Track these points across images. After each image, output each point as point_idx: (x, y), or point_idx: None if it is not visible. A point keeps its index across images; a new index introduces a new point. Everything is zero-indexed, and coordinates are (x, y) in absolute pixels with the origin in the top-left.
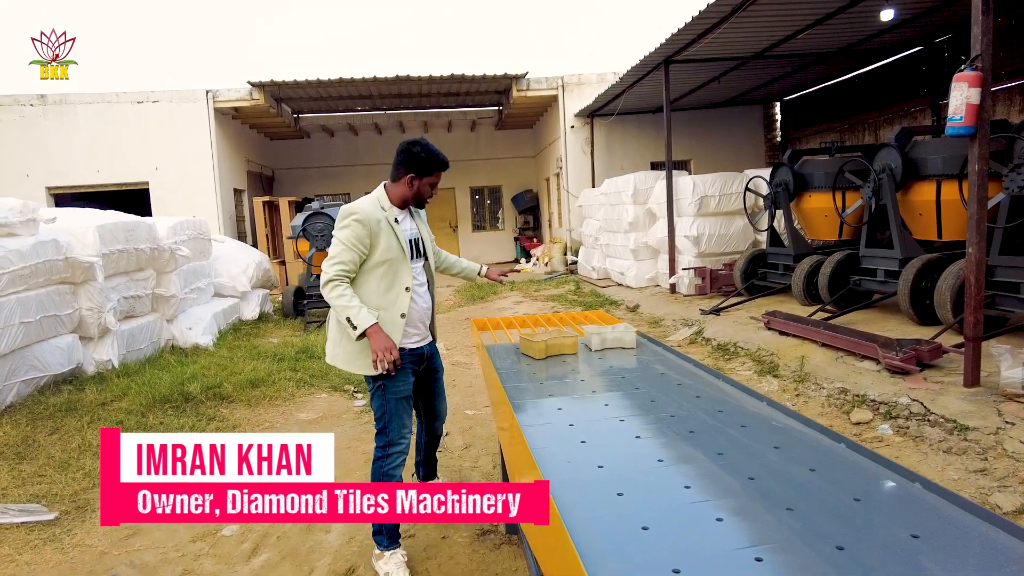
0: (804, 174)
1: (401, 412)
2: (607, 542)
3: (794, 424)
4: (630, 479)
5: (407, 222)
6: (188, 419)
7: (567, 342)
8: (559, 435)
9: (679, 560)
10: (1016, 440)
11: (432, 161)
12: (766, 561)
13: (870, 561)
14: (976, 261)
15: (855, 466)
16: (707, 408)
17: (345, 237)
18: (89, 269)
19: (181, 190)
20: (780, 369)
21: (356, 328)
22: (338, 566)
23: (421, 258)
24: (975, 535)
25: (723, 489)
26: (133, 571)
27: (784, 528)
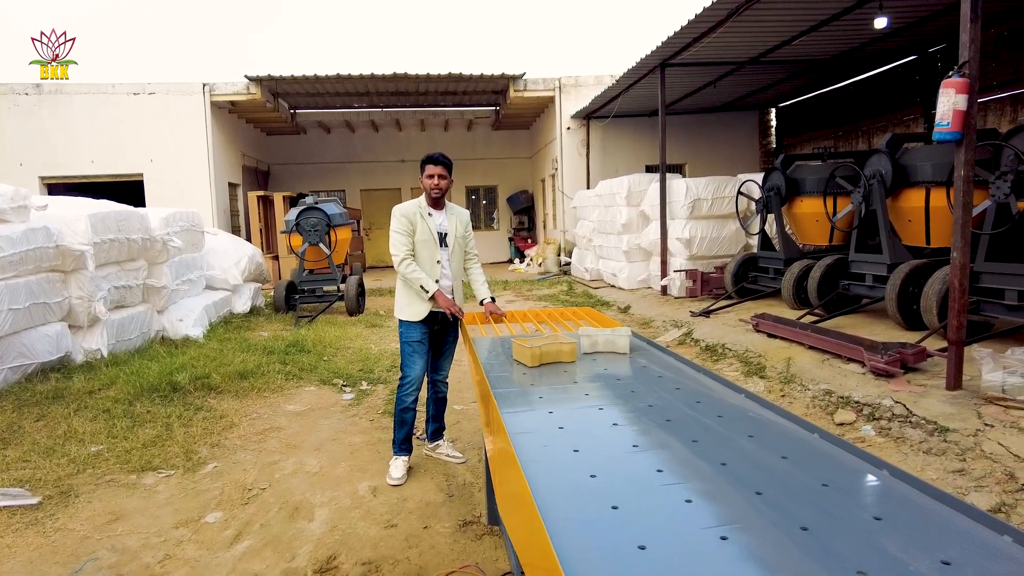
0: (796, 179)
1: (412, 352)
2: (577, 521)
3: (769, 415)
4: (604, 463)
5: (440, 218)
6: (175, 408)
7: (565, 348)
8: (538, 421)
9: (646, 538)
10: (994, 442)
11: (424, 160)
12: (731, 540)
13: (832, 541)
14: (960, 266)
15: (826, 454)
16: (686, 399)
17: (396, 227)
18: (80, 258)
19: (176, 183)
20: (767, 370)
21: (427, 292)
22: (319, 553)
23: (447, 248)
24: (936, 519)
25: (694, 473)
26: (114, 555)
27: (751, 510)
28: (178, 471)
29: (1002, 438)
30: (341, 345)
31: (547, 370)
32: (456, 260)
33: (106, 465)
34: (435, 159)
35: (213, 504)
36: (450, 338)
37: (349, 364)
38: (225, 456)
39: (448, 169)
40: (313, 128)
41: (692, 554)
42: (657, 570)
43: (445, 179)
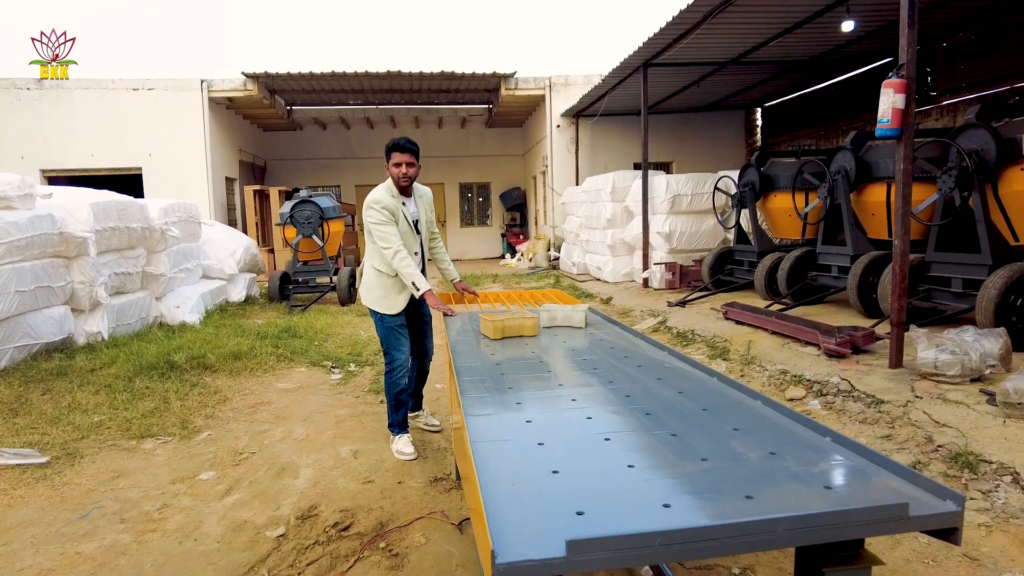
0: (770, 175)
1: (396, 335)
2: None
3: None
4: (554, 432)
5: (411, 206)
6: (172, 384)
7: (527, 323)
8: (492, 386)
9: (584, 503)
10: (920, 411)
11: (389, 147)
12: (674, 507)
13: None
14: (901, 253)
15: (775, 425)
16: (648, 375)
17: (378, 219)
18: (82, 244)
19: (174, 177)
20: (731, 353)
21: (419, 290)
22: (302, 504)
23: (420, 235)
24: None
25: (642, 443)
26: (117, 504)
27: (695, 478)
28: (175, 438)
29: (928, 408)
30: (332, 332)
31: (509, 342)
32: (426, 244)
33: (108, 432)
34: (402, 146)
35: (207, 465)
36: (426, 318)
37: (339, 348)
38: (218, 426)
39: (416, 156)
40: (309, 124)
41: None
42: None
43: (414, 167)
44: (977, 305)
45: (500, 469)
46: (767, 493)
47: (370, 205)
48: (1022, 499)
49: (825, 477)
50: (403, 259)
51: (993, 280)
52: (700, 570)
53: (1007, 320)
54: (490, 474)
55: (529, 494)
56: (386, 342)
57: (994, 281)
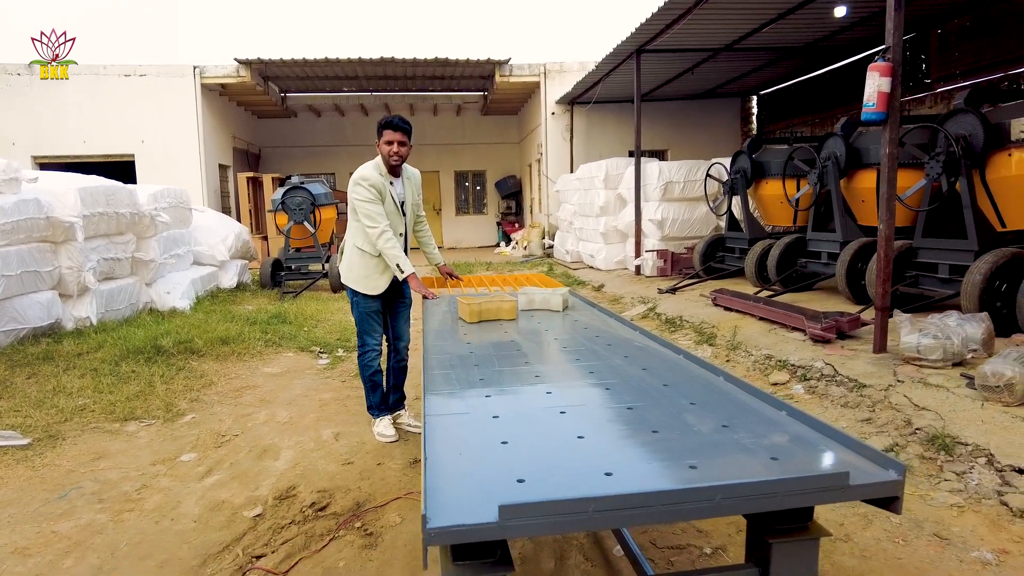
0: (762, 162)
1: (371, 321)
2: (467, 455)
3: (688, 365)
4: (511, 406)
5: (399, 187)
6: (159, 368)
7: (504, 307)
8: (459, 364)
9: (527, 471)
10: (901, 395)
11: (382, 124)
12: (616, 475)
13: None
14: (886, 238)
15: (732, 399)
16: (616, 353)
17: (364, 197)
18: (70, 229)
19: (166, 163)
20: (717, 339)
21: (402, 272)
22: (280, 484)
23: (406, 217)
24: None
25: (597, 416)
26: (97, 485)
27: (643, 448)
28: (158, 421)
29: (908, 391)
30: (322, 318)
31: (485, 325)
32: (410, 226)
33: (92, 415)
34: (395, 124)
35: (189, 447)
36: (404, 300)
37: (328, 334)
38: (203, 409)
39: (408, 135)
40: (303, 111)
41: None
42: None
43: (405, 146)
44: (962, 291)
45: (450, 440)
46: (712, 463)
47: (357, 182)
48: (995, 480)
49: (773, 448)
50: (388, 240)
51: (978, 266)
52: (672, 550)
53: (991, 305)
54: (439, 444)
55: (475, 463)
56: (359, 325)
57: (979, 267)
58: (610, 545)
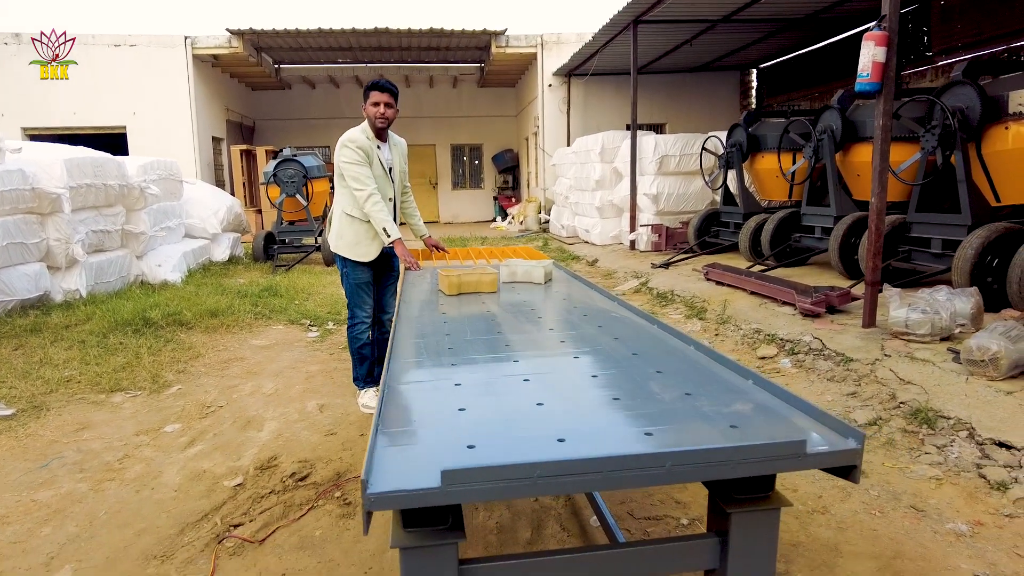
0: (758, 135)
1: (361, 293)
2: (421, 421)
3: (661, 334)
4: (475, 374)
5: (385, 152)
6: (147, 340)
7: (485, 279)
8: (431, 333)
9: (479, 438)
10: (887, 369)
11: (368, 86)
12: (568, 441)
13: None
14: (877, 211)
15: (700, 368)
16: (591, 323)
17: (352, 160)
18: (56, 201)
19: (159, 136)
20: (707, 313)
21: (389, 237)
22: (263, 455)
23: (392, 183)
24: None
25: (560, 383)
26: (79, 455)
27: (601, 415)
28: (144, 392)
29: (894, 366)
30: (313, 291)
31: (465, 298)
32: (398, 194)
33: (77, 387)
34: (381, 85)
35: (173, 418)
36: (393, 273)
37: (318, 307)
38: (189, 380)
39: (395, 98)
40: (298, 83)
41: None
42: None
43: (392, 108)
44: (953, 265)
45: (406, 407)
46: (669, 430)
47: (344, 144)
48: (975, 453)
49: (734, 416)
50: (376, 203)
51: (970, 240)
52: (649, 520)
53: (982, 280)
54: (394, 411)
55: (428, 429)
56: (350, 297)
57: (971, 241)
58: (588, 516)
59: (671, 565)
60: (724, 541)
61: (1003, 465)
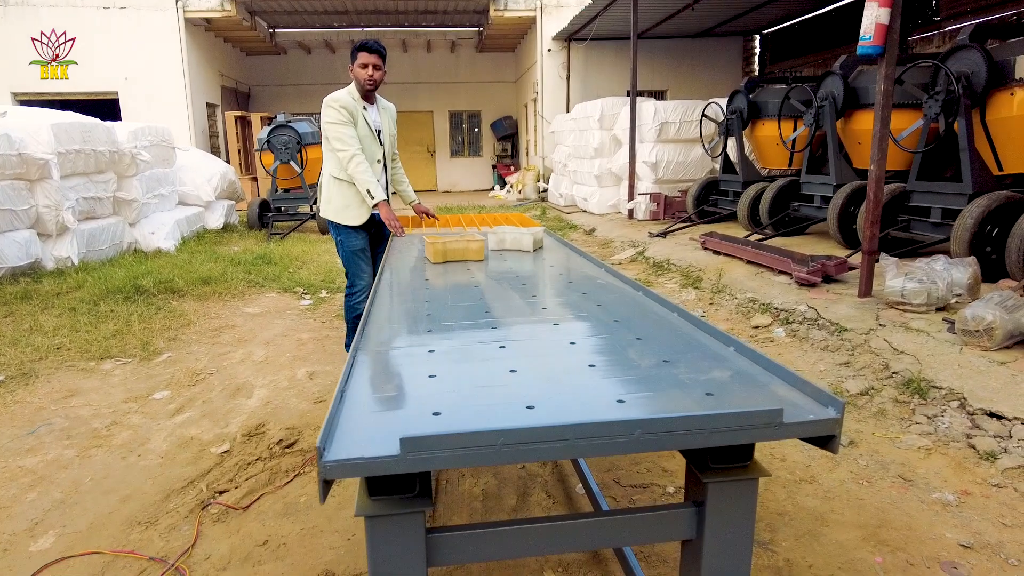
0: (758, 102)
1: (357, 260)
2: (388, 387)
3: (645, 301)
4: (451, 341)
5: (373, 113)
6: (138, 308)
7: (472, 247)
8: (412, 296)
9: (446, 404)
10: (881, 339)
11: (356, 47)
12: (537, 409)
13: (645, 411)
14: (876, 178)
15: (680, 335)
16: (576, 290)
17: (335, 119)
18: (44, 167)
19: (151, 101)
20: (703, 283)
21: (373, 199)
22: (250, 422)
23: (382, 146)
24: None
25: (536, 350)
26: (66, 422)
27: (573, 382)
28: (134, 359)
29: (889, 336)
30: (308, 259)
31: (450, 266)
32: (389, 159)
33: (67, 354)
34: (369, 46)
35: (163, 385)
36: (386, 241)
37: (312, 275)
38: (180, 348)
39: (383, 59)
40: (293, 48)
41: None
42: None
43: (380, 70)
44: (952, 235)
45: (374, 373)
46: (642, 397)
47: (328, 104)
48: (965, 424)
49: (711, 384)
50: (360, 163)
51: (971, 209)
52: (636, 488)
53: (981, 250)
54: (361, 377)
55: (393, 396)
56: (348, 266)
57: (971, 210)
58: (574, 483)
59: (646, 536)
60: (701, 511)
61: (993, 435)
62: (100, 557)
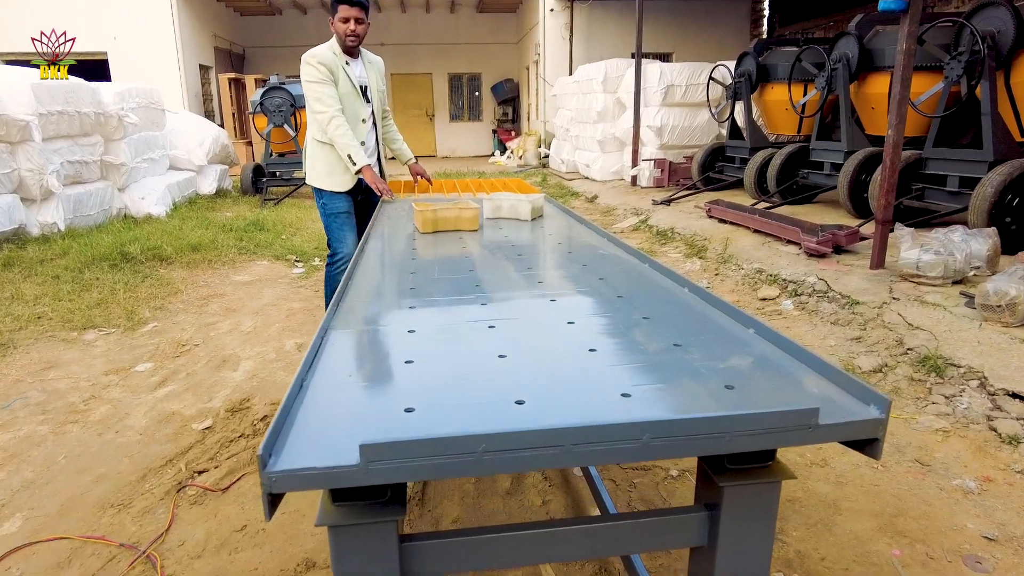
0: (768, 65)
1: (340, 225)
2: (357, 376)
3: (651, 274)
4: (434, 318)
5: (358, 69)
6: (124, 276)
7: (465, 215)
8: (396, 267)
9: (421, 398)
10: (895, 313)
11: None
12: (528, 405)
13: (656, 409)
14: (893, 144)
15: (693, 314)
16: (576, 261)
17: (313, 77)
18: (25, 128)
19: (142, 63)
20: (708, 252)
21: (355, 165)
22: (235, 396)
23: (369, 104)
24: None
25: (529, 331)
26: (43, 395)
27: (572, 371)
28: (118, 329)
29: (903, 310)
30: (302, 226)
31: (441, 236)
32: (379, 118)
33: (48, 323)
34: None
35: (146, 356)
36: (373, 209)
37: (306, 242)
38: (166, 318)
39: (366, 11)
40: (288, 8)
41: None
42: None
43: (362, 23)
44: (971, 204)
45: (342, 357)
46: (650, 391)
47: (305, 61)
48: (985, 405)
49: (731, 374)
50: (340, 126)
51: (991, 177)
52: (637, 471)
53: (1000, 221)
54: (327, 363)
55: (362, 387)
56: (329, 231)
57: (992, 179)
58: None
59: (649, 543)
60: (714, 516)
61: (1016, 418)
62: (68, 543)
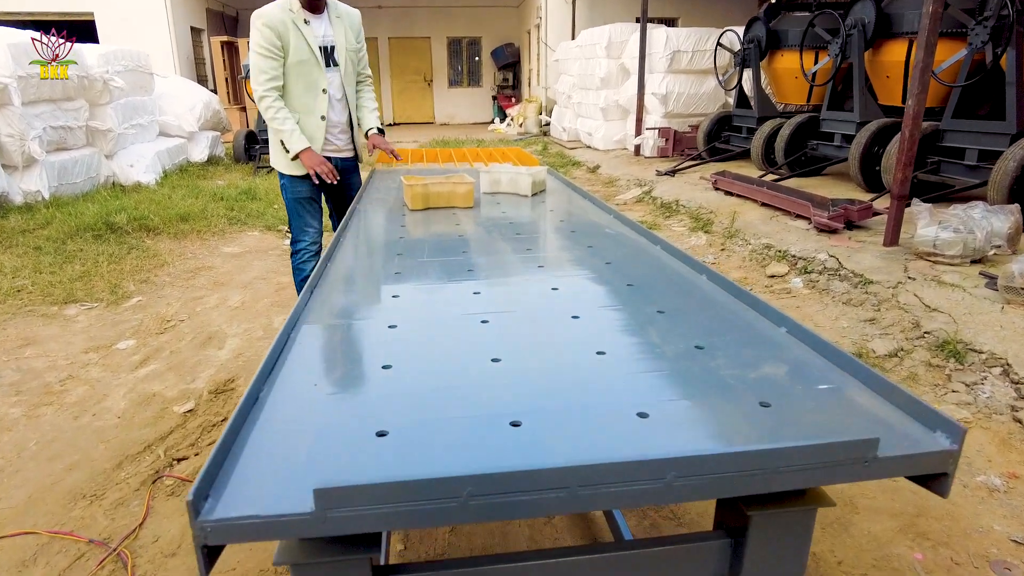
0: (779, 31)
1: (301, 212)
2: (324, 384)
3: (665, 258)
4: (421, 310)
5: (322, 27)
6: (108, 247)
7: (459, 190)
8: (382, 248)
9: (397, 415)
10: (911, 293)
11: None
12: (524, 426)
13: (680, 436)
14: (914, 115)
15: (716, 308)
16: (580, 242)
17: (255, 43)
18: (3, 91)
19: (131, 24)
20: (713, 226)
21: (289, 152)
22: (220, 376)
23: (336, 67)
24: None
25: (527, 327)
26: (18, 375)
27: (575, 382)
28: (101, 304)
29: (919, 290)
30: None
31: (432, 214)
32: (350, 84)
33: (28, 297)
34: None
35: (129, 333)
36: (352, 191)
37: None
38: (151, 291)
39: None
40: None
41: None
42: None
43: None
44: (991, 179)
45: (305, 362)
46: (671, 408)
47: (252, 23)
48: (1009, 394)
49: (764, 387)
50: (270, 107)
51: (1014, 151)
52: None
53: (1022, 197)
54: (290, 368)
55: (327, 403)
56: (290, 217)
57: (1015, 152)
58: None
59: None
60: (739, 544)
61: None
62: (34, 539)
